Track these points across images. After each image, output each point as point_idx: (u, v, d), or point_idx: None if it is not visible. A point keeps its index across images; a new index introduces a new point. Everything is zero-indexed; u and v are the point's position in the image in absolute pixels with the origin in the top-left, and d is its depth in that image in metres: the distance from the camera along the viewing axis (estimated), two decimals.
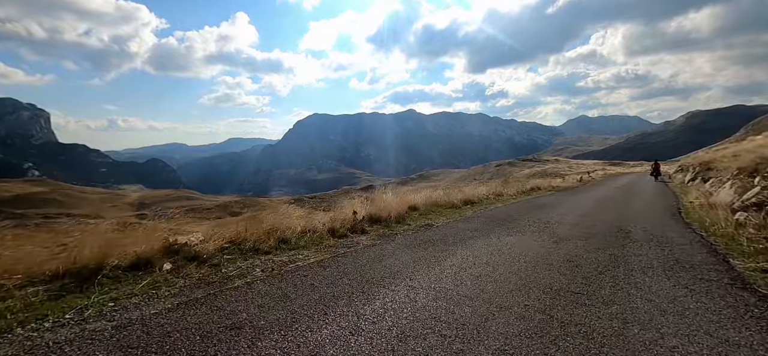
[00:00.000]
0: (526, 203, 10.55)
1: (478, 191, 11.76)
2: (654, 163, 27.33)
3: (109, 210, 76.83)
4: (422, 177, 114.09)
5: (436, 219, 7.36)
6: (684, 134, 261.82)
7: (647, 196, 13.02)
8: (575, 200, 11.65)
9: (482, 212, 8.45)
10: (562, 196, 13.27)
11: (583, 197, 12.83)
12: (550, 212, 8.47)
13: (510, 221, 7.16)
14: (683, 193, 13.75)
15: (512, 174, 63.62)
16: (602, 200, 11.45)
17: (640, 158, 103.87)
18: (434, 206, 8.64)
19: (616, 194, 14.08)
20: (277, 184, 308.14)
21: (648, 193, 14.40)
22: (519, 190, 14.46)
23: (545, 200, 11.43)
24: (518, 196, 13.01)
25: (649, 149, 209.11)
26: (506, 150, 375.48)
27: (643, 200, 11.71)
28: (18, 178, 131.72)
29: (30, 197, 76.52)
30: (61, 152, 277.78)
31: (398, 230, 6.21)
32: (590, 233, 6.00)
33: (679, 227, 6.69)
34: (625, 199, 12.03)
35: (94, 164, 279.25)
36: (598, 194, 14.48)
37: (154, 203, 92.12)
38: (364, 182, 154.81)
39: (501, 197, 12.09)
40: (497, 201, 10.85)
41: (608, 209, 9.15)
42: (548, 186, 17.59)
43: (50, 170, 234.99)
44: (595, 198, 12.28)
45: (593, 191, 16.12)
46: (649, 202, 11.00)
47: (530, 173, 64.61)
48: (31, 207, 67.45)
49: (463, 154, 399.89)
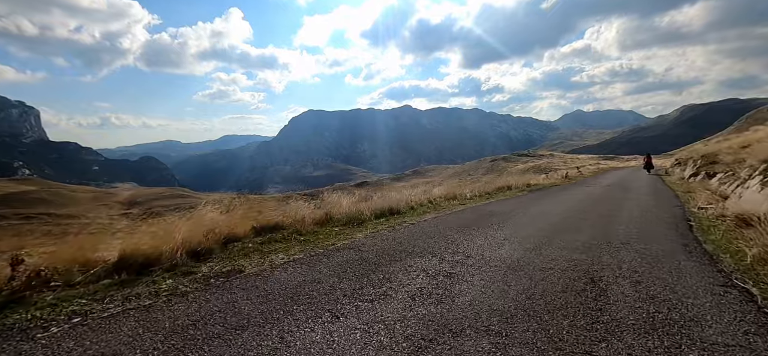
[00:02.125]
0: (469, 213, 7.91)
1: (420, 192, 9.87)
2: (646, 156, 27.90)
3: (97, 209, 75.52)
4: (416, 173, 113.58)
5: (298, 248, 4.90)
6: (678, 127, 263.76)
7: (642, 199, 10.49)
8: (543, 207, 8.80)
9: (378, 236, 5.61)
10: (531, 199, 10.63)
11: (556, 201, 10.15)
12: (487, 235, 5.55)
13: (387, 263, 4.18)
14: (686, 192, 11.50)
15: (506, 169, 63.23)
16: (580, 207, 8.75)
17: (634, 152, 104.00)
18: (357, 215, 6.64)
19: (602, 196, 11.41)
20: (273, 181, 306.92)
21: (643, 194, 11.88)
22: (482, 190, 12.10)
23: (501, 208, 8.63)
24: (476, 198, 10.67)
25: (643, 143, 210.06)
26: (502, 145, 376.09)
27: (636, 206, 9.05)
28: (7, 177, 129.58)
29: (17, 196, 75.02)
30: (52, 151, 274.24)
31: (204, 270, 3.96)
32: (525, 303, 3.09)
33: (703, 275, 3.70)
34: (612, 204, 9.37)
35: (87, 163, 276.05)
36: (580, 195, 12.00)
37: (145, 201, 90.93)
38: (360, 179, 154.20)
39: (453, 200, 9.90)
40: (437, 208, 8.58)
41: (582, 225, 6.37)
42: (523, 184, 14.88)
43: (41, 169, 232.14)
44: (572, 203, 9.58)
45: (575, 191, 13.53)
46: (645, 210, 8.28)
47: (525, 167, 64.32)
48: (17, 206, 66.08)
49: (459, 149, 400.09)
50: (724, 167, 11.39)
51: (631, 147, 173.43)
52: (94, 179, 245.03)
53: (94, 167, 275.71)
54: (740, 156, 10.54)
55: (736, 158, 11.10)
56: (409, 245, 4.99)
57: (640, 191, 12.95)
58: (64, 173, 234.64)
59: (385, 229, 6.09)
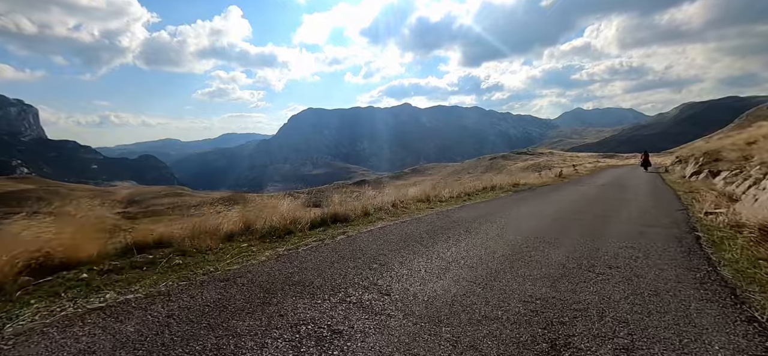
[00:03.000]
0: (432, 220, 6.46)
1: (392, 193, 8.72)
2: (644, 154, 27.57)
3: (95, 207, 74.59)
4: (415, 171, 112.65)
5: None
6: (678, 125, 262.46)
7: (640, 201, 9.32)
8: (523, 212, 7.50)
9: (287, 257, 4.20)
10: (513, 202, 9.29)
11: (540, 204, 8.83)
12: (433, 255, 4.25)
13: (257, 306, 2.86)
14: (688, 193, 10.38)
15: (505, 167, 62.31)
16: (566, 213, 7.43)
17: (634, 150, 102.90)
18: (287, 225, 5.46)
19: (595, 198, 10.13)
20: (272, 179, 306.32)
21: (641, 195, 10.68)
22: (463, 190, 10.94)
23: (473, 213, 7.34)
24: (452, 200, 9.47)
25: (643, 141, 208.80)
26: (502, 143, 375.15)
27: (632, 210, 7.84)
28: (5, 176, 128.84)
29: (14, 194, 74.10)
30: (51, 149, 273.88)
31: None
32: None
33: (728, 331, 2.46)
34: (604, 209, 8.06)
35: (85, 161, 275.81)
36: (571, 196, 10.63)
37: (143, 199, 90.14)
38: (359, 177, 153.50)
39: (425, 203, 8.72)
40: (398, 214, 7.29)
41: (563, 238, 5.10)
42: (511, 184, 13.68)
43: (40, 168, 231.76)
44: (558, 207, 8.28)
45: (566, 191, 12.26)
46: (641, 213, 7.27)
47: (524, 166, 63.53)
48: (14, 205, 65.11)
49: (458, 147, 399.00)
50: (729, 165, 10.46)
51: (630, 145, 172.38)
52: (93, 177, 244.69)
53: (93, 166, 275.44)
54: (746, 153, 9.83)
55: (742, 155, 10.30)
56: (316, 272, 3.66)
57: (637, 191, 11.83)
58: (63, 171, 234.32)
59: (312, 243, 4.84)
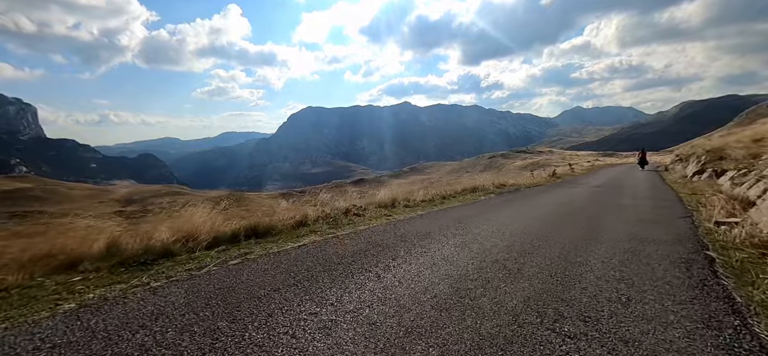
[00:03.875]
0: (375, 236, 5.11)
1: (354, 196, 8.04)
2: (641, 151, 27.27)
3: (92, 206, 74.85)
4: (414, 170, 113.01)
5: None
6: (677, 124, 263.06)
7: (636, 206, 7.96)
8: (497, 221, 6.21)
9: None
10: (490, 208, 7.96)
11: (522, 210, 7.49)
12: (314, 307, 2.73)
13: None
14: (691, 195, 9.18)
15: (505, 166, 62.78)
16: (548, 222, 6.18)
17: (634, 148, 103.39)
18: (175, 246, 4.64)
19: (586, 202, 8.89)
20: (272, 178, 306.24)
21: (639, 198, 9.39)
22: (441, 193, 9.81)
23: (435, 224, 6.00)
24: (422, 205, 8.33)
25: (642, 139, 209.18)
26: (501, 142, 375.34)
27: (627, 217, 6.58)
28: (4, 175, 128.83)
29: (12, 193, 74.31)
30: (49, 148, 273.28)
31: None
32: None
33: None
34: (595, 216, 6.80)
35: (84, 160, 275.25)
36: (559, 199, 9.45)
37: (141, 199, 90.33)
38: (359, 176, 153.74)
39: (388, 208, 7.69)
40: (342, 224, 6.07)
41: (531, 263, 3.78)
42: (496, 185, 12.48)
43: (39, 166, 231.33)
44: (541, 214, 7.00)
45: (556, 194, 11.06)
46: (637, 222, 6.10)
47: (523, 164, 63.99)
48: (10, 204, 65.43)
49: (458, 146, 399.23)
50: (736, 164, 9.53)
51: (630, 144, 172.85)
52: (92, 176, 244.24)
53: (92, 165, 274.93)
54: (753, 151, 9.26)
55: (749, 153, 9.72)
56: None
57: (635, 193, 10.75)
58: (62, 170, 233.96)
59: (180, 273, 3.49)
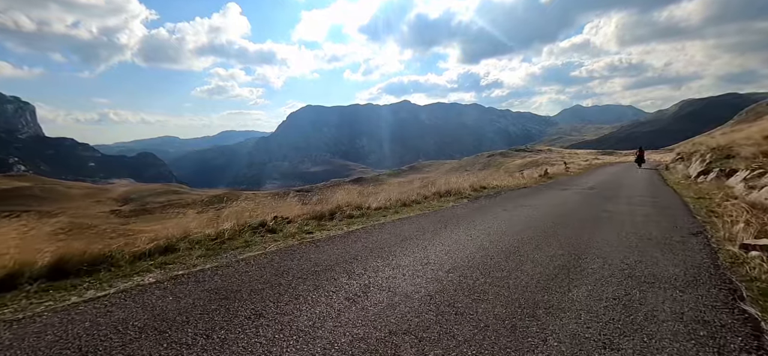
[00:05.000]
0: (238, 272, 3.59)
1: (291, 203, 7.00)
2: (638, 150, 27.86)
3: (90, 205, 74.65)
4: (413, 169, 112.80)
5: None
6: (677, 122, 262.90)
7: (634, 217, 6.61)
8: (447, 240, 4.84)
9: None
10: (446, 221, 6.26)
11: (490, 224, 5.93)
12: None
13: None
14: (698, 199, 8.15)
15: (503, 164, 62.57)
16: (518, 242, 4.71)
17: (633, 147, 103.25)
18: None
19: (573, 210, 7.40)
20: (271, 177, 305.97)
21: (636, 205, 7.99)
22: (400, 199, 8.39)
23: (353, 249, 4.46)
24: (368, 217, 6.89)
25: (642, 138, 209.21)
26: (501, 141, 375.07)
27: (621, 235, 5.13)
28: (2, 173, 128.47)
29: (9, 192, 74.02)
30: (48, 147, 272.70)
31: None
32: None
33: None
34: (581, 231, 5.34)
35: (83, 159, 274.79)
36: (543, 208, 7.74)
37: (139, 197, 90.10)
38: (358, 174, 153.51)
39: (315, 221, 6.25)
40: (217, 252, 4.56)
41: (448, 338, 2.32)
42: (475, 188, 11.14)
43: (37, 165, 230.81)
44: (516, 229, 5.49)
45: (542, 198, 9.47)
46: (634, 243, 4.64)
47: (522, 163, 63.80)
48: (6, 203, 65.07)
49: (458, 145, 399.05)
50: (747, 163, 8.58)
51: (630, 142, 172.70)
52: (91, 175, 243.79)
53: (90, 163, 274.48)
54: (765, 148, 8.64)
55: (760, 151, 8.99)
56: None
57: (632, 197, 9.26)
58: (61, 169, 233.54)
59: None
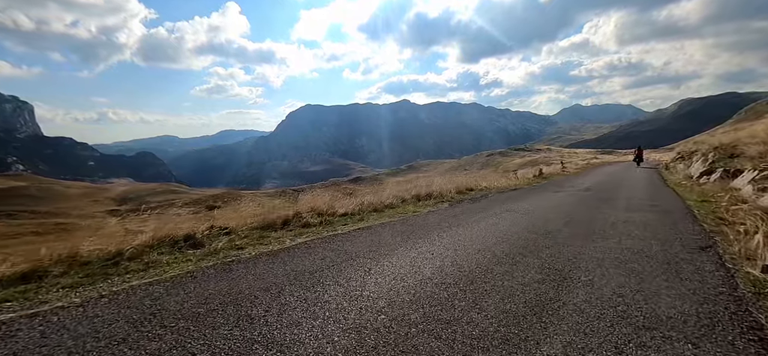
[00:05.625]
0: None
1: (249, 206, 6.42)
2: (637, 149, 28.26)
3: (87, 205, 74.23)
4: (412, 168, 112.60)
5: None
6: (676, 122, 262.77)
7: (630, 225, 5.66)
8: (357, 284, 3.26)
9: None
10: (415, 229, 5.55)
11: (450, 242, 4.78)
12: None
13: None
14: (701, 202, 7.40)
15: (502, 164, 62.26)
16: (458, 286, 3.17)
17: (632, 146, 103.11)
18: None
19: (560, 216, 6.52)
20: (270, 176, 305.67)
21: (635, 210, 6.99)
22: (373, 202, 7.58)
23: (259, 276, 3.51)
24: (320, 227, 5.86)
25: (641, 137, 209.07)
26: (500, 140, 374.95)
27: (610, 263, 3.84)
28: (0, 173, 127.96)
29: (5, 192, 73.59)
30: (46, 146, 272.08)
31: None
32: None
33: None
34: (557, 253, 4.21)
35: (82, 158, 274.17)
36: (523, 215, 6.62)
37: (137, 197, 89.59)
38: (357, 174, 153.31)
39: (257, 231, 5.42)
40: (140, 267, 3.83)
41: None
42: (459, 190, 10.10)
43: (36, 165, 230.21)
44: (487, 244, 4.61)
45: (528, 202, 8.50)
46: (631, 260, 3.89)
47: (521, 162, 63.60)
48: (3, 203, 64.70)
49: (457, 144, 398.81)
50: (754, 163, 8.08)
51: (629, 141, 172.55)
52: (90, 174, 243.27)
53: (89, 163, 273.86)
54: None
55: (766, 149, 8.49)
56: None
57: (630, 200, 8.53)
58: (59, 168, 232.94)
59: None
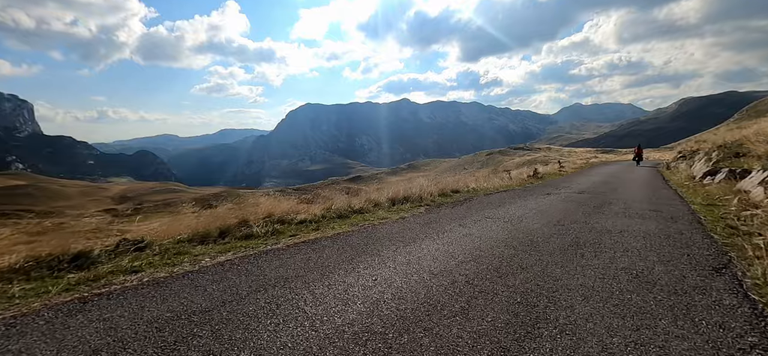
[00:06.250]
0: None
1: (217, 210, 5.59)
2: (637, 148, 28.74)
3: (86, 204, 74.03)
4: (412, 167, 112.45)
5: None
6: (676, 121, 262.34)
7: (626, 236, 4.76)
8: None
9: None
10: (359, 250, 4.15)
11: (405, 266, 3.53)
12: None
13: None
14: (708, 207, 6.67)
15: (502, 162, 62.03)
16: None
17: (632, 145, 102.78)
18: None
19: (545, 229, 5.20)
20: (270, 175, 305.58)
21: (633, 216, 6.11)
22: (339, 207, 6.50)
23: None
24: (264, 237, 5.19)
25: (641, 136, 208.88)
26: (500, 139, 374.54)
27: (600, 297, 2.76)
28: None
29: (2, 191, 73.36)
30: (46, 145, 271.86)
31: None
32: None
33: None
34: (530, 282, 3.05)
35: (82, 157, 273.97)
36: (504, 224, 5.53)
37: (136, 196, 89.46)
38: (357, 173, 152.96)
39: (179, 244, 4.57)
40: None
41: None
42: (444, 191, 9.37)
43: (35, 164, 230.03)
44: (454, 262, 3.65)
45: (512, 209, 7.01)
46: (622, 337, 2.20)
47: (521, 161, 63.31)
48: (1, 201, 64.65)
49: (457, 143, 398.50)
50: (763, 162, 7.63)
51: (629, 140, 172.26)
52: (89, 173, 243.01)
53: (89, 161, 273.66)
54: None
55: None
56: None
57: (629, 205, 7.37)
58: (59, 167, 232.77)
59: None
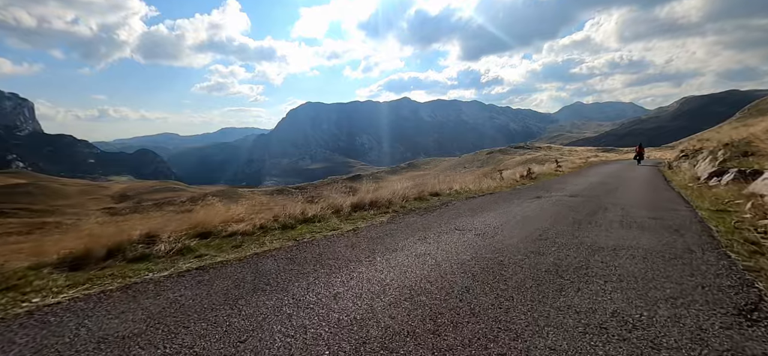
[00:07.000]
0: None
1: None
2: (638, 146, 28.73)
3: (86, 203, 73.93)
4: (412, 166, 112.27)
5: None
6: (678, 120, 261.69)
7: (624, 273, 3.26)
8: None
9: None
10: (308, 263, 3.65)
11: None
12: None
13: None
14: (717, 214, 6.05)
15: (503, 161, 61.82)
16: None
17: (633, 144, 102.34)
18: None
19: (514, 252, 3.94)
20: (270, 173, 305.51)
21: (633, 226, 5.33)
22: (293, 214, 5.74)
23: None
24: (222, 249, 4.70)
25: (643, 135, 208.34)
26: (501, 138, 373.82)
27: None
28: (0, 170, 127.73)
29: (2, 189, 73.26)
30: (47, 143, 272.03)
31: None
32: None
33: None
34: (484, 333, 2.20)
35: (82, 155, 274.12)
36: (446, 257, 3.78)
37: (135, 195, 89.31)
38: (357, 171, 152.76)
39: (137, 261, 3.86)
40: None
41: None
42: (421, 195, 8.48)
43: (36, 162, 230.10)
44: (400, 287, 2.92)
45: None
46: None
47: (521, 160, 63.11)
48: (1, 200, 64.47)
49: (458, 142, 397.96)
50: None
51: (630, 139, 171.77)
52: (90, 171, 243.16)
53: (89, 160, 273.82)
54: None
55: None
56: None
57: (627, 212, 6.55)
58: (59, 165, 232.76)
59: None
